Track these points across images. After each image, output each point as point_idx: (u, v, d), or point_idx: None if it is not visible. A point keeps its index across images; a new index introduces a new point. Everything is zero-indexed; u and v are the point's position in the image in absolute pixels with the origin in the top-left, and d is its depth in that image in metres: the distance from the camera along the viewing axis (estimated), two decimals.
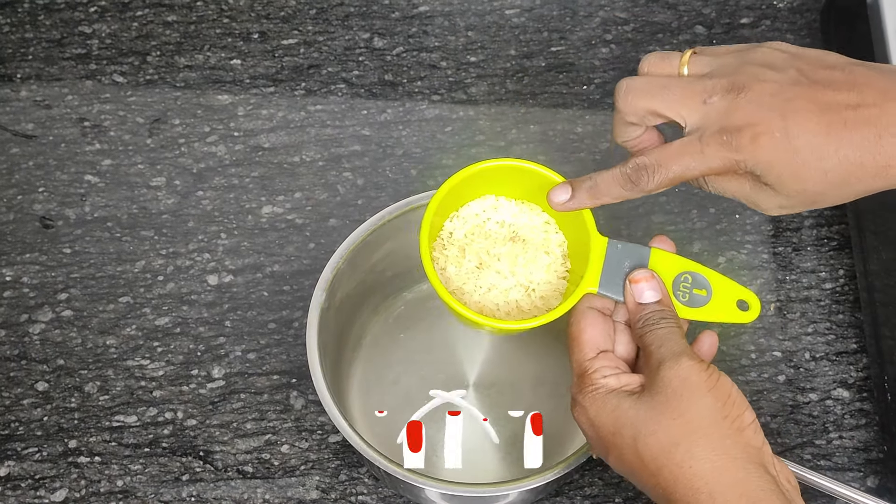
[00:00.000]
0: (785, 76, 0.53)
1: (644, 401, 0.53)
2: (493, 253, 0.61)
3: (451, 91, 0.88)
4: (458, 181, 0.60)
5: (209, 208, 0.82)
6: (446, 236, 0.62)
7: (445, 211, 0.62)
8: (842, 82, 0.52)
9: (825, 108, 0.52)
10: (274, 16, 0.92)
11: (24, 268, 0.79)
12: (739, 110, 0.53)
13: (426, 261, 0.58)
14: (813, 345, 0.76)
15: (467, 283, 0.60)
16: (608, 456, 0.54)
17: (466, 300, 0.60)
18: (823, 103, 0.52)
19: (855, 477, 0.71)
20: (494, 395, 0.73)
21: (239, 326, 0.77)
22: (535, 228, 0.62)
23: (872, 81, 0.52)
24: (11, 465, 0.72)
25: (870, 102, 0.51)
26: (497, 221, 0.62)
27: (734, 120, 0.53)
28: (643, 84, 0.56)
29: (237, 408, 0.74)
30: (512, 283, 0.60)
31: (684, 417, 0.51)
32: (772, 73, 0.53)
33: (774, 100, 0.52)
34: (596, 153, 0.85)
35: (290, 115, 0.86)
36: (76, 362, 0.76)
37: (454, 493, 0.62)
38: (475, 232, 0.62)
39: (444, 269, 0.61)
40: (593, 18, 0.92)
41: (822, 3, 0.91)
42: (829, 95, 0.52)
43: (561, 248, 0.62)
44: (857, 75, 0.53)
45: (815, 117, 0.52)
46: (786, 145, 0.52)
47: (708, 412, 0.51)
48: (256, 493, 0.71)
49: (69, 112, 0.87)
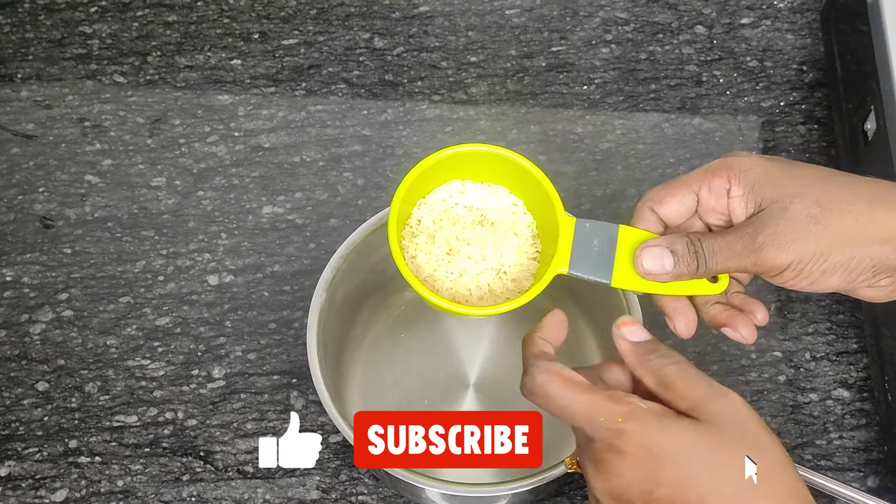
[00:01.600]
0: None
1: (703, 428, 0.49)
2: (463, 238, 0.60)
3: (452, 91, 0.88)
4: (424, 168, 0.59)
5: (210, 208, 0.82)
6: (415, 224, 0.61)
7: (412, 199, 0.61)
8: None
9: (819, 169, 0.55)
10: (274, 16, 0.92)
11: (25, 268, 0.79)
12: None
13: (395, 251, 0.57)
14: (813, 345, 0.76)
15: (438, 270, 0.60)
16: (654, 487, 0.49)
17: (438, 287, 0.59)
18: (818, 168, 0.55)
19: (855, 477, 0.71)
20: (495, 394, 0.73)
21: (239, 326, 0.77)
22: (503, 211, 0.62)
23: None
24: (12, 464, 0.72)
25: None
26: (465, 206, 0.61)
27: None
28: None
29: (237, 408, 0.74)
30: (483, 267, 0.60)
31: (760, 451, 0.49)
32: None
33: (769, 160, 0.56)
34: (596, 153, 0.85)
35: (291, 115, 0.86)
36: (77, 362, 0.76)
37: (454, 493, 0.62)
38: (443, 218, 0.61)
39: (414, 258, 0.60)
40: (594, 18, 0.92)
41: (822, 2, 0.91)
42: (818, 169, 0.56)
43: (530, 228, 0.61)
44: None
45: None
46: (787, 171, 0.55)
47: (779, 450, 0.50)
48: (257, 493, 0.71)
49: (70, 112, 0.87)
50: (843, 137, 0.80)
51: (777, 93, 0.88)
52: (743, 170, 0.55)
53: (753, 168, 0.55)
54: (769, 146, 0.85)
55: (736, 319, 0.58)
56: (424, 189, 0.62)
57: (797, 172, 0.55)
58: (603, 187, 0.83)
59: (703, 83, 0.88)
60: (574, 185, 0.83)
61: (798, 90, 0.88)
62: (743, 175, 0.55)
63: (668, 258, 0.56)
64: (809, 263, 0.53)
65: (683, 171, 0.83)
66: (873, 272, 0.54)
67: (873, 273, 0.54)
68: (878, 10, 0.76)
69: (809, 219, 0.53)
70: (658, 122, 0.86)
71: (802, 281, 0.54)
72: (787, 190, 0.54)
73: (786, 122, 0.86)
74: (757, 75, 0.89)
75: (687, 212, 0.57)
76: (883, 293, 0.55)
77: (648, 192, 0.58)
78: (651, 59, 0.89)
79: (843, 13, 0.84)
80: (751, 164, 0.55)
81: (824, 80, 0.88)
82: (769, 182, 0.54)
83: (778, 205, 0.54)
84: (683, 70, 0.89)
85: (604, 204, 0.82)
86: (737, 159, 0.56)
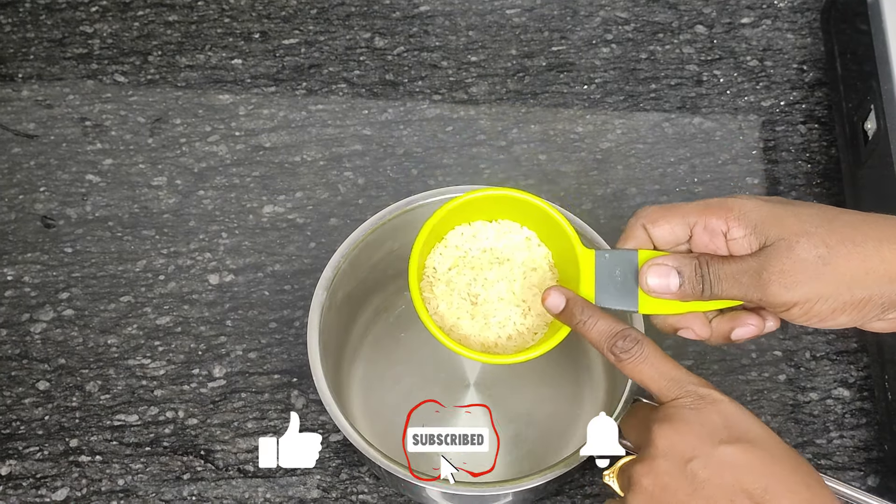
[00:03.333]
0: None
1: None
2: (480, 279, 0.61)
3: (452, 91, 0.88)
4: (438, 220, 0.60)
5: (210, 208, 0.82)
6: (430, 273, 0.62)
7: (426, 249, 0.62)
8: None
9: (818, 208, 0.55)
10: (275, 15, 0.92)
11: (26, 267, 0.79)
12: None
13: (419, 306, 0.58)
14: (813, 344, 0.76)
15: (462, 318, 0.60)
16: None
17: (465, 334, 0.60)
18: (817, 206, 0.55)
19: (855, 476, 0.71)
20: (496, 394, 0.73)
21: (240, 326, 0.77)
22: (518, 246, 0.62)
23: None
24: (13, 463, 0.72)
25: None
26: (479, 249, 0.62)
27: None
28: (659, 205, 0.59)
29: (238, 407, 0.74)
30: (507, 312, 0.60)
31: None
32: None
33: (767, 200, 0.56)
34: (596, 152, 0.85)
35: (291, 114, 0.86)
36: (77, 361, 0.76)
37: (455, 492, 0.62)
38: (459, 264, 0.62)
39: (436, 310, 0.61)
40: (594, 18, 0.92)
41: (822, 2, 0.91)
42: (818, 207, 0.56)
43: (546, 259, 0.62)
44: None
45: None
46: (784, 209, 0.55)
47: None
48: (257, 492, 0.71)
49: (70, 112, 0.87)
50: (844, 137, 0.80)
51: (777, 92, 0.88)
52: (743, 212, 0.55)
53: (755, 210, 0.55)
54: (769, 145, 0.85)
55: (740, 319, 0.58)
56: (436, 237, 0.62)
57: (801, 211, 0.55)
58: (603, 186, 0.83)
59: (703, 83, 0.88)
60: (574, 185, 0.83)
61: (798, 90, 0.88)
62: (743, 217, 0.55)
63: (674, 278, 0.56)
64: (818, 303, 0.53)
65: (683, 170, 0.84)
66: (882, 308, 0.54)
67: (882, 309, 0.54)
68: (879, 10, 0.76)
69: (818, 259, 0.53)
70: (658, 122, 0.86)
71: (812, 319, 0.54)
72: (792, 229, 0.54)
73: (786, 122, 0.86)
74: (757, 75, 0.89)
75: (677, 241, 0.57)
76: (892, 325, 0.55)
77: (643, 209, 0.58)
78: (651, 58, 0.89)
79: (843, 13, 0.84)
80: (752, 207, 0.55)
81: (825, 79, 0.88)
82: (773, 222, 0.54)
83: (784, 243, 0.53)
84: (684, 69, 0.89)
85: (604, 203, 0.82)
86: (737, 201, 0.56)
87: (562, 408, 0.72)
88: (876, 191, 0.74)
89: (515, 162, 0.84)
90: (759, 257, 0.54)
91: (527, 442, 0.70)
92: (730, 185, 0.83)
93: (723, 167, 0.84)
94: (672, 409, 0.53)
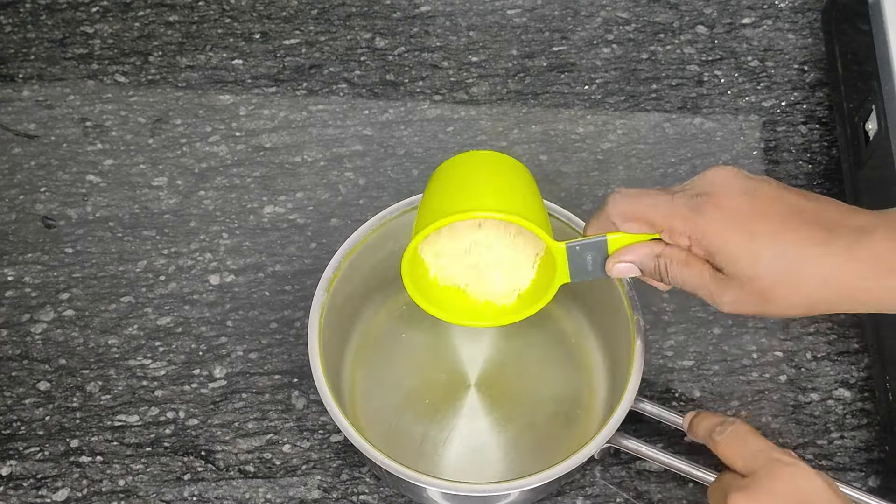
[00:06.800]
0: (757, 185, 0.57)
1: None
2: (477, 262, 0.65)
3: (453, 91, 0.88)
4: (414, 248, 0.63)
5: (211, 208, 0.82)
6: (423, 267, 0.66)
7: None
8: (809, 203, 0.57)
9: (791, 209, 0.56)
10: (276, 16, 0.92)
11: (26, 267, 0.79)
12: (710, 192, 0.57)
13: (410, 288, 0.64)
14: (814, 344, 0.76)
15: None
16: None
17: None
18: (792, 204, 0.56)
19: (856, 477, 0.71)
20: (496, 395, 0.73)
21: (240, 326, 0.77)
22: (504, 245, 0.65)
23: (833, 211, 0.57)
24: (13, 464, 0.72)
25: (831, 216, 0.56)
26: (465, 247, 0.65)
27: (705, 189, 0.57)
28: (633, 192, 0.60)
29: (239, 407, 0.74)
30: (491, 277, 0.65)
31: None
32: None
33: (742, 198, 0.57)
34: (598, 153, 0.85)
35: (292, 114, 0.86)
36: (78, 362, 0.76)
37: (456, 493, 0.62)
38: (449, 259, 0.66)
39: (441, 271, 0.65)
40: (595, 18, 0.92)
41: (823, 2, 0.91)
42: (797, 200, 0.56)
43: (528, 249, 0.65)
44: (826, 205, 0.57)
45: (778, 220, 0.56)
46: (745, 228, 0.56)
47: None
48: (258, 492, 0.71)
49: (71, 112, 0.87)
50: (845, 137, 0.80)
51: (778, 92, 0.88)
52: (706, 234, 0.57)
53: (718, 230, 0.57)
54: (770, 146, 0.85)
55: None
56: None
57: (771, 213, 0.56)
58: (604, 187, 0.83)
59: (704, 83, 0.88)
60: (575, 185, 0.83)
61: (799, 90, 0.88)
62: (703, 241, 0.57)
63: (635, 271, 0.61)
64: (772, 311, 0.58)
65: (685, 171, 0.83)
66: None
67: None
68: (880, 10, 0.76)
69: (771, 286, 0.56)
70: (659, 122, 0.86)
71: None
72: (750, 258, 0.56)
73: (787, 122, 0.86)
74: (758, 75, 0.89)
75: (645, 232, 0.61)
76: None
77: (615, 202, 0.60)
78: (652, 58, 0.89)
79: (844, 13, 0.84)
80: (719, 221, 0.57)
81: (826, 79, 0.88)
82: (734, 248, 0.56)
83: (740, 280, 0.56)
84: (685, 70, 0.89)
85: None
86: (708, 205, 0.57)
87: (562, 408, 0.71)
88: (877, 191, 0.74)
89: None
90: (717, 281, 0.57)
91: (527, 442, 0.70)
92: None
93: None
94: (749, 478, 0.57)
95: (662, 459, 0.65)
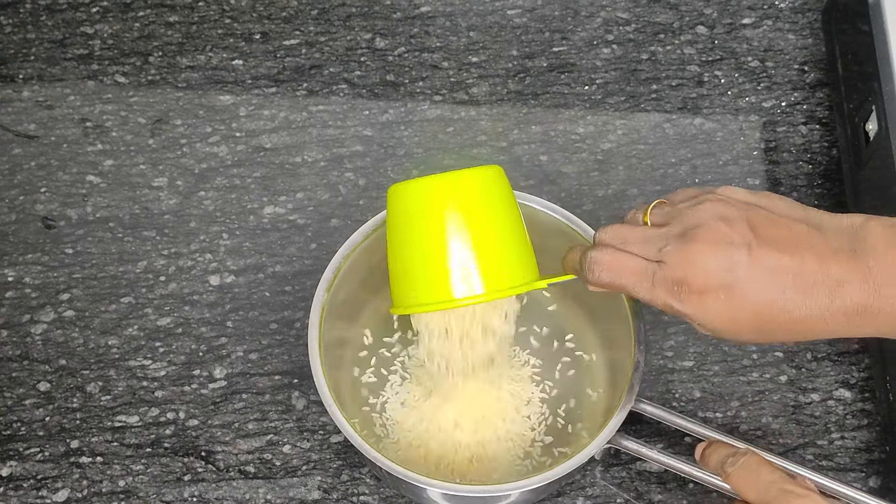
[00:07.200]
0: (736, 233, 0.55)
1: None
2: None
3: (453, 91, 0.88)
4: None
5: (211, 209, 0.82)
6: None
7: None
8: (785, 243, 0.55)
9: (770, 273, 0.55)
10: (276, 16, 0.92)
11: (26, 268, 0.79)
12: (689, 264, 0.56)
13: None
14: (815, 345, 0.76)
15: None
16: None
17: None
18: (768, 268, 0.55)
19: (857, 477, 0.71)
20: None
21: (241, 327, 0.77)
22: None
23: (814, 242, 0.55)
24: (14, 465, 0.72)
25: (810, 269, 0.55)
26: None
27: (685, 272, 0.56)
28: (609, 259, 0.59)
29: (239, 408, 0.74)
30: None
31: None
32: (724, 227, 0.56)
33: (723, 261, 0.55)
34: (597, 153, 0.85)
35: (292, 115, 0.86)
36: (78, 362, 0.76)
37: (456, 493, 0.62)
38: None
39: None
40: (595, 19, 0.92)
41: (823, 2, 0.91)
42: (773, 259, 0.55)
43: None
44: (799, 234, 0.56)
45: (761, 282, 0.55)
46: (728, 306, 0.55)
47: None
48: (258, 493, 0.71)
49: (71, 112, 0.87)
50: (845, 138, 0.80)
51: (778, 93, 0.88)
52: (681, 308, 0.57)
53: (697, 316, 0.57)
54: (770, 146, 0.85)
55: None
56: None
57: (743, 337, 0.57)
58: (604, 187, 0.83)
59: (704, 83, 0.88)
60: (575, 186, 0.83)
61: (799, 90, 0.88)
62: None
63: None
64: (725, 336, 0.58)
65: (684, 171, 0.83)
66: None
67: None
68: (880, 10, 0.76)
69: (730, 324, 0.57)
70: (659, 123, 0.86)
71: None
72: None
73: (787, 123, 0.86)
74: (758, 75, 0.89)
75: None
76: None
77: (596, 265, 0.59)
78: (652, 59, 0.89)
79: (844, 13, 0.84)
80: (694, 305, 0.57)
81: (826, 80, 0.88)
82: (714, 327, 0.57)
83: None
84: (685, 70, 0.89)
85: (605, 204, 0.82)
86: (683, 309, 0.57)
87: (563, 409, 0.71)
88: (877, 192, 0.74)
89: (516, 163, 0.84)
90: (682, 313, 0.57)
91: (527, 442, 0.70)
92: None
93: (724, 168, 0.84)
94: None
95: (663, 460, 0.65)
